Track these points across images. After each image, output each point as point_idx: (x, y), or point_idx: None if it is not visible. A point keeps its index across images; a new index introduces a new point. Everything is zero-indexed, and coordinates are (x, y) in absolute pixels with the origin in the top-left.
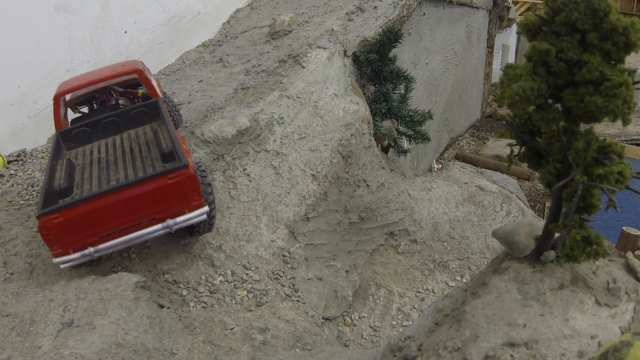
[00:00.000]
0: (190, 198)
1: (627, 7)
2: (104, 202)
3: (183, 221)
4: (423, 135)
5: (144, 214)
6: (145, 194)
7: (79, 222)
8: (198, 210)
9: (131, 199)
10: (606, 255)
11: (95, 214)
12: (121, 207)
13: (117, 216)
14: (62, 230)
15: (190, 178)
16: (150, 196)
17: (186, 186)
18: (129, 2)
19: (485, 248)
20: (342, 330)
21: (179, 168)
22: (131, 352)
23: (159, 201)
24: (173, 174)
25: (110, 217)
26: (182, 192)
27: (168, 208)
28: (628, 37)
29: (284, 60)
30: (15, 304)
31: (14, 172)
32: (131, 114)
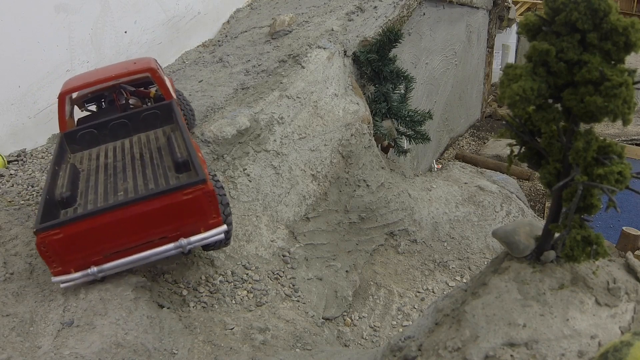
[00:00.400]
0: (208, 216)
1: (627, 7)
2: (110, 219)
3: (198, 241)
4: (423, 135)
5: (155, 232)
6: (157, 210)
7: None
8: (216, 229)
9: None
10: (606, 255)
11: (100, 230)
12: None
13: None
14: (62, 247)
15: (208, 194)
16: (163, 213)
17: (204, 203)
18: (129, 2)
19: (485, 248)
20: (342, 330)
21: (197, 183)
22: (131, 352)
23: (173, 219)
24: (189, 190)
25: (117, 234)
26: (198, 210)
27: (182, 226)
28: (628, 37)
29: (284, 60)
30: (15, 304)
31: (14, 172)
32: (142, 116)
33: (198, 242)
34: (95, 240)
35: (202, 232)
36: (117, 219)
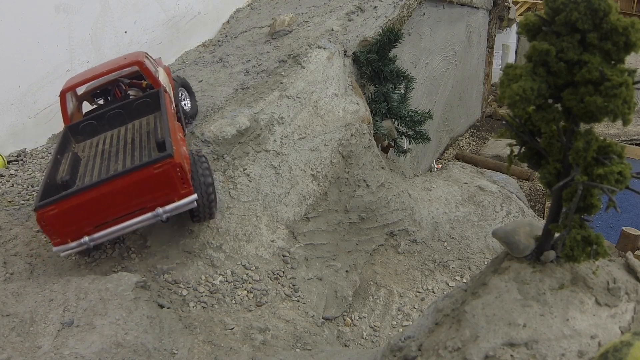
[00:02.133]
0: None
1: (627, 7)
2: (95, 194)
3: (172, 209)
4: (423, 135)
5: (134, 203)
6: (134, 184)
7: (73, 213)
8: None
9: (120, 189)
10: (606, 255)
11: (88, 204)
12: (111, 197)
13: (109, 206)
14: (58, 221)
15: (175, 167)
16: (139, 186)
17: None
18: (129, 2)
19: (485, 248)
20: (342, 330)
21: (164, 158)
22: (131, 352)
23: (148, 191)
24: (159, 164)
25: (102, 207)
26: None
27: (157, 197)
28: (628, 37)
29: (284, 60)
30: (15, 304)
31: (14, 172)
32: (135, 105)
33: (173, 211)
34: (85, 213)
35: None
36: (100, 194)
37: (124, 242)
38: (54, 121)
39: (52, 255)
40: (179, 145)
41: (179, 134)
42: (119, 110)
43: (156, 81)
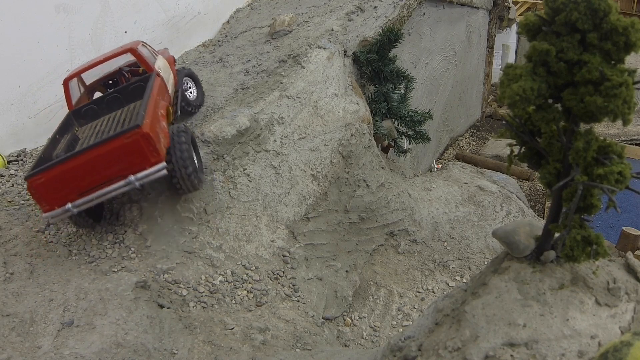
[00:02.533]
0: (148, 155)
1: (627, 7)
2: (75, 163)
3: (143, 177)
4: (423, 135)
5: (111, 171)
6: (107, 153)
7: (57, 181)
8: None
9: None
10: (606, 255)
11: (70, 173)
12: (90, 166)
13: (88, 175)
14: (44, 189)
15: (144, 137)
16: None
17: (141, 144)
18: (129, 2)
19: (485, 248)
20: (342, 330)
21: (132, 128)
22: (131, 352)
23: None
24: (128, 134)
25: (82, 175)
26: (138, 150)
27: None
28: (628, 37)
29: (284, 60)
30: (15, 304)
31: (14, 172)
32: (130, 89)
33: (144, 178)
34: (67, 181)
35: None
36: (79, 163)
37: (123, 242)
38: (54, 121)
39: (52, 255)
40: (156, 120)
41: (160, 111)
42: (116, 95)
43: (149, 66)
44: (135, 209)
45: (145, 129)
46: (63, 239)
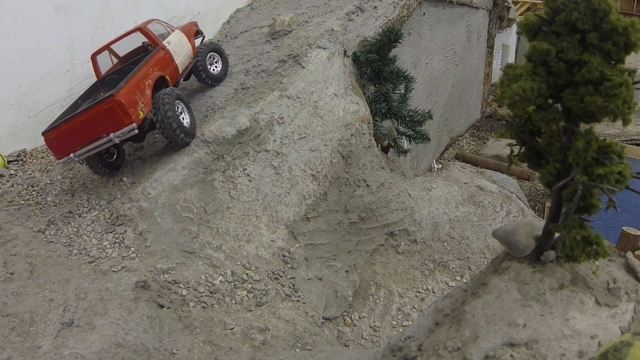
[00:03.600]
0: (122, 118)
1: (627, 7)
2: (73, 123)
3: (120, 134)
4: (423, 135)
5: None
6: (93, 117)
7: (63, 137)
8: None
9: (86, 120)
10: (606, 255)
11: (70, 131)
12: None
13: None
14: (55, 142)
15: (117, 104)
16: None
17: (116, 109)
18: (129, 2)
19: (485, 248)
20: (342, 330)
21: (109, 97)
22: (131, 352)
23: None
24: (106, 102)
25: (79, 133)
26: (114, 114)
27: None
28: (628, 37)
29: (284, 60)
30: (15, 304)
31: (14, 172)
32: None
33: (120, 136)
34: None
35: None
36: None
37: (123, 242)
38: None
39: (52, 255)
40: (138, 89)
41: (147, 81)
42: (130, 66)
43: (156, 42)
44: (135, 209)
45: (119, 98)
46: (63, 239)
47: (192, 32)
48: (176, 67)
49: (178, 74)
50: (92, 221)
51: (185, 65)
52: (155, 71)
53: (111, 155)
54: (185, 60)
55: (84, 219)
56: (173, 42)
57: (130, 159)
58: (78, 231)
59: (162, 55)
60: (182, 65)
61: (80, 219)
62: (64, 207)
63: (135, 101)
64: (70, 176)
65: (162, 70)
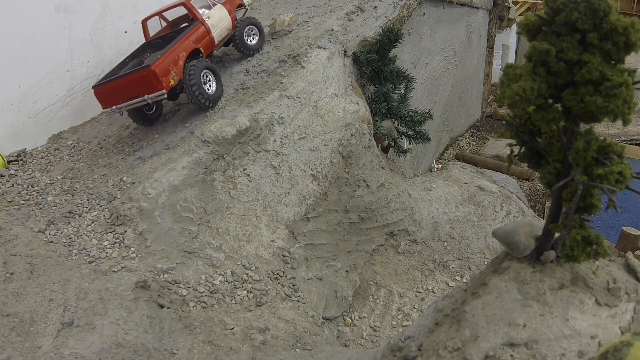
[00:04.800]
0: (155, 84)
1: (627, 7)
2: (117, 83)
3: (151, 97)
4: (423, 135)
5: (136, 91)
6: (133, 80)
7: (108, 92)
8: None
9: (128, 82)
10: (606, 255)
11: (114, 88)
12: (124, 86)
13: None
14: (102, 95)
15: (152, 73)
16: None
17: (151, 77)
18: (129, 2)
19: (485, 248)
20: (342, 330)
21: (146, 67)
22: (131, 352)
23: (140, 85)
24: (144, 70)
25: (121, 90)
26: (149, 81)
27: (145, 89)
28: (628, 37)
29: (284, 60)
30: (15, 304)
31: (14, 172)
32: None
33: (152, 98)
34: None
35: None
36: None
37: (123, 242)
38: (54, 121)
39: (52, 255)
40: (174, 62)
41: (181, 53)
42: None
43: (196, 16)
44: (135, 209)
45: (154, 68)
46: (63, 239)
47: (234, 5)
48: (212, 39)
49: (213, 46)
50: (92, 221)
51: (223, 37)
52: (191, 44)
53: (150, 108)
54: (222, 33)
55: (84, 219)
56: (213, 16)
57: (130, 159)
58: (78, 231)
59: (200, 29)
60: (218, 37)
61: (80, 219)
62: (64, 207)
63: (167, 71)
64: (70, 176)
65: (198, 43)
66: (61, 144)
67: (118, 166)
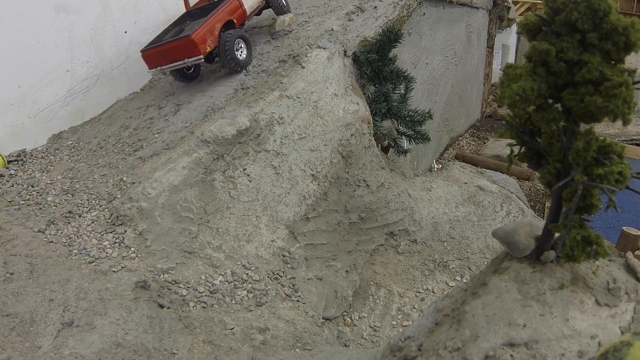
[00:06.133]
0: (194, 50)
1: (627, 7)
2: (163, 47)
3: (190, 61)
4: (423, 135)
5: (178, 55)
6: (176, 46)
7: (154, 55)
8: (198, 56)
9: (172, 47)
10: (606, 255)
11: (160, 52)
12: (169, 50)
13: (168, 54)
14: (149, 57)
15: (192, 41)
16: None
17: (190, 45)
18: (129, 2)
19: (485, 248)
20: (342, 330)
21: (187, 36)
22: (131, 352)
23: (182, 50)
24: (186, 38)
25: (165, 54)
26: (189, 47)
27: (186, 54)
28: (628, 37)
29: (284, 60)
30: (15, 304)
31: (14, 172)
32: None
33: (191, 61)
34: (159, 56)
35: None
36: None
37: (123, 242)
38: (54, 121)
39: (52, 255)
40: (210, 31)
41: (217, 25)
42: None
43: None
44: (135, 209)
45: (193, 37)
46: (63, 239)
47: None
48: (244, 11)
49: (245, 17)
50: (92, 221)
51: (254, 8)
52: (225, 16)
53: (189, 69)
54: (254, 5)
55: (84, 219)
56: None
57: (130, 159)
58: (78, 231)
59: (233, 3)
60: (250, 9)
61: (80, 219)
62: (64, 207)
63: (205, 39)
64: (70, 176)
65: (231, 15)
66: (61, 144)
67: (118, 166)
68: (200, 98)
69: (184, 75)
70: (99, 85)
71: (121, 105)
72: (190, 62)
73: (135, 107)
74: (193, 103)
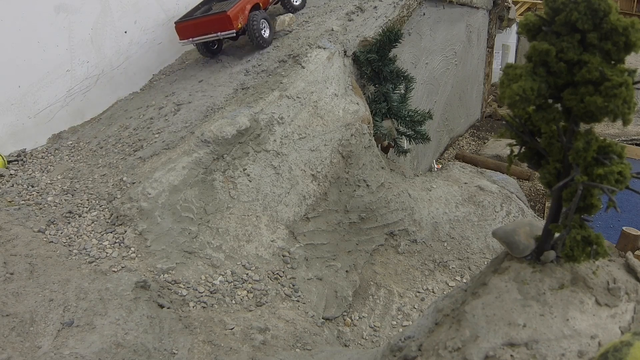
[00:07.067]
0: (227, 25)
1: (627, 7)
2: (197, 21)
3: (223, 34)
4: (423, 135)
5: (212, 28)
6: (211, 20)
7: (187, 27)
8: (230, 31)
9: (206, 21)
10: (606, 255)
11: (193, 25)
12: (203, 24)
13: (201, 27)
14: (182, 29)
15: (227, 17)
16: (212, 22)
17: (226, 19)
18: (129, 2)
19: (485, 248)
20: (342, 330)
21: (223, 12)
22: (131, 352)
23: (216, 24)
24: (221, 14)
25: (199, 27)
26: (223, 22)
27: (219, 28)
28: (628, 37)
29: (284, 60)
30: (15, 304)
31: (14, 172)
32: None
33: (223, 35)
34: (192, 28)
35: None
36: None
37: (123, 242)
38: (54, 121)
39: (52, 255)
40: (242, 10)
41: (247, 5)
42: None
43: None
44: (135, 209)
45: (229, 13)
46: (63, 239)
47: None
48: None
49: (268, 3)
50: (92, 221)
51: None
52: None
53: (214, 44)
54: None
55: (84, 219)
56: None
57: (130, 159)
58: (78, 231)
59: None
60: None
61: (80, 219)
62: (64, 207)
63: (237, 17)
64: (70, 176)
65: None
66: (61, 144)
67: (118, 166)
68: (200, 98)
69: (208, 49)
70: (99, 85)
71: (121, 105)
72: (222, 36)
73: (135, 107)
74: (193, 103)
